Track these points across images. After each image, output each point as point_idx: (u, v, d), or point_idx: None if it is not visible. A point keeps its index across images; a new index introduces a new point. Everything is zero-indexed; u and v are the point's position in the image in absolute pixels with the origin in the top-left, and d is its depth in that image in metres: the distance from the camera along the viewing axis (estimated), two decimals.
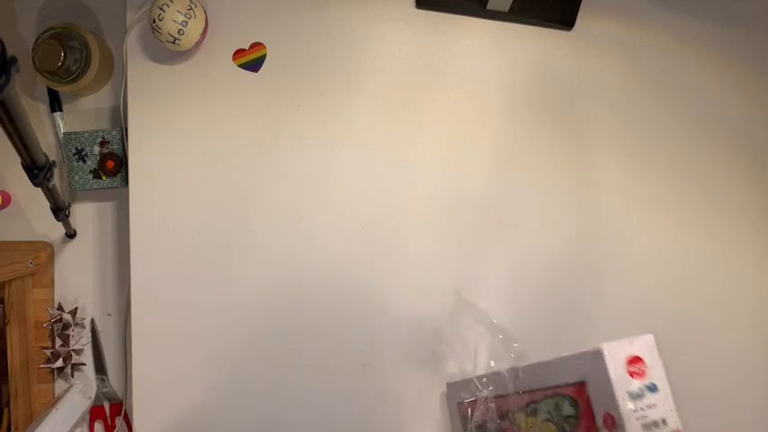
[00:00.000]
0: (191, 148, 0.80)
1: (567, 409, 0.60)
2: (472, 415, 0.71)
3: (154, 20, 0.74)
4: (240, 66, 0.80)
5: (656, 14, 0.78)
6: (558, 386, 0.61)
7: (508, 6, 0.76)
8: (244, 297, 0.80)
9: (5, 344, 0.86)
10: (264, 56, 0.80)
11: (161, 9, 0.73)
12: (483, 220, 0.79)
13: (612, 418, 0.54)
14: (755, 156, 0.79)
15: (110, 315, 0.90)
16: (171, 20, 0.73)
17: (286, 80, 0.79)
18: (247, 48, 0.80)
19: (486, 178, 0.79)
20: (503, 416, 0.67)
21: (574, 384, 0.59)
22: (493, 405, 0.69)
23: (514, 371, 0.67)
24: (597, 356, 0.54)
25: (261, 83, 0.80)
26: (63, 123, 0.88)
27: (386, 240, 0.79)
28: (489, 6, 0.76)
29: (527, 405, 0.65)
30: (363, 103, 0.79)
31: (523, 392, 0.65)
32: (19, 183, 0.88)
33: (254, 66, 0.80)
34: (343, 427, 0.79)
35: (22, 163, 0.62)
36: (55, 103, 0.87)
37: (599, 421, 0.56)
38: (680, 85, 0.79)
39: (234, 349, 0.80)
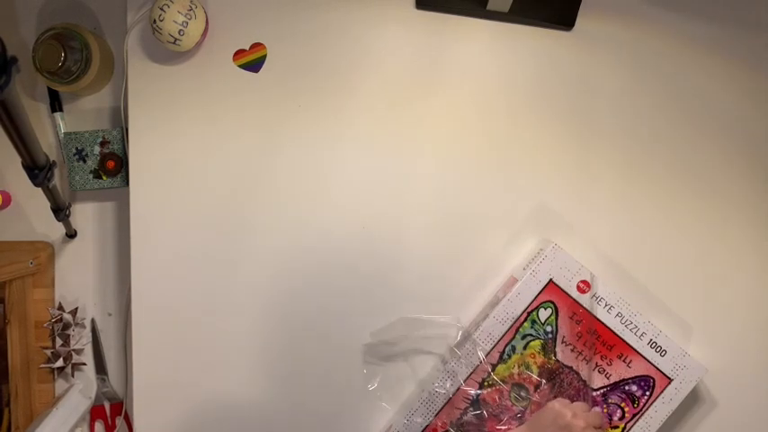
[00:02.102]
0: (191, 148, 0.80)
1: (544, 313, 0.74)
2: (463, 412, 0.74)
3: (154, 20, 0.74)
4: (240, 66, 0.80)
5: (656, 15, 0.78)
6: (527, 307, 0.74)
7: (508, 7, 0.76)
8: (244, 296, 0.80)
9: (6, 344, 0.86)
10: (264, 56, 0.80)
11: (161, 9, 0.73)
12: (483, 220, 0.79)
13: (584, 282, 0.73)
14: (755, 156, 0.79)
15: (110, 315, 0.90)
16: (171, 20, 0.73)
17: (286, 80, 0.80)
18: (247, 48, 0.80)
19: (486, 178, 0.79)
20: (481, 385, 0.74)
21: (542, 290, 0.74)
22: (469, 388, 0.74)
23: (465, 340, 0.75)
24: (557, 251, 0.74)
25: (261, 83, 0.80)
26: (63, 123, 0.88)
27: (386, 240, 0.79)
28: (489, 7, 0.76)
29: (500, 355, 0.74)
30: (363, 103, 0.79)
31: (490, 350, 0.74)
32: (19, 183, 0.88)
33: (254, 66, 0.80)
34: (342, 428, 0.79)
35: (22, 163, 0.62)
36: (55, 103, 0.87)
37: (575, 295, 0.74)
38: (680, 85, 0.79)
39: (234, 348, 0.80)
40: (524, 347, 0.74)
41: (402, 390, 0.79)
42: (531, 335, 0.74)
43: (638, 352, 0.73)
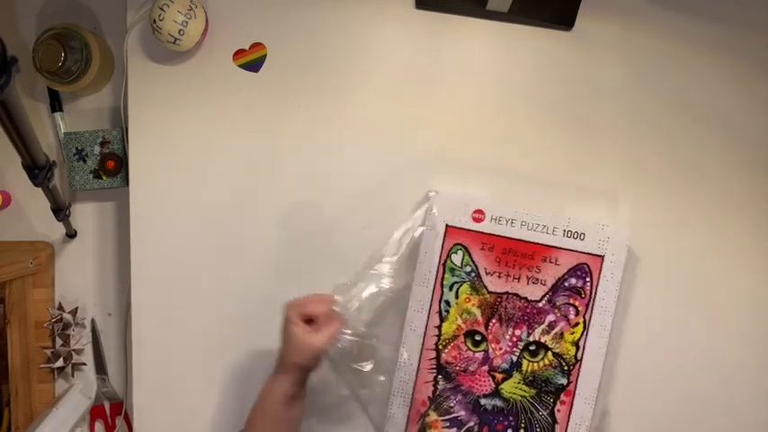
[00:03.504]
0: (191, 147, 0.80)
1: (457, 257, 0.75)
2: (434, 383, 0.75)
3: (154, 20, 0.74)
4: (240, 66, 0.80)
5: (656, 14, 0.78)
6: (439, 259, 0.75)
7: (508, 6, 0.76)
8: (244, 297, 0.80)
9: (6, 344, 0.86)
10: (264, 56, 0.80)
11: (161, 9, 0.73)
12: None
13: (478, 211, 0.75)
14: (756, 155, 0.79)
15: (110, 315, 0.90)
16: (171, 20, 0.73)
17: (286, 80, 0.80)
18: (247, 48, 0.80)
19: (486, 178, 0.79)
20: (437, 350, 0.75)
21: (444, 238, 0.75)
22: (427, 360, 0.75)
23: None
24: (438, 197, 0.76)
25: (261, 83, 0.80)
26: (63, 123, 0.88)
27: (386, 240, 0.79)
28: (489, 6, 0.76)
29: (439, 314, 0.75)
30: (363, 102, 0.79)
31: (427, 315, 0.75)
32: (19, 183, 0.88)
33: (254, 66, 0.80)
34: (344, 427, 0.79)
35: (22, 163, 0.62)
36: (55, 103, 0.87)
37: (475, 226, 0.75)
38: (680, 84, 0.79)
39: (234, 349, 0.80)
40: (456, 296, 0.75)
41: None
42: (456, 282, 0.75)
43: (558, 248, 0.74)
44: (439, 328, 0.75)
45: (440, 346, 0.75)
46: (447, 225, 0.75)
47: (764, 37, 0.78)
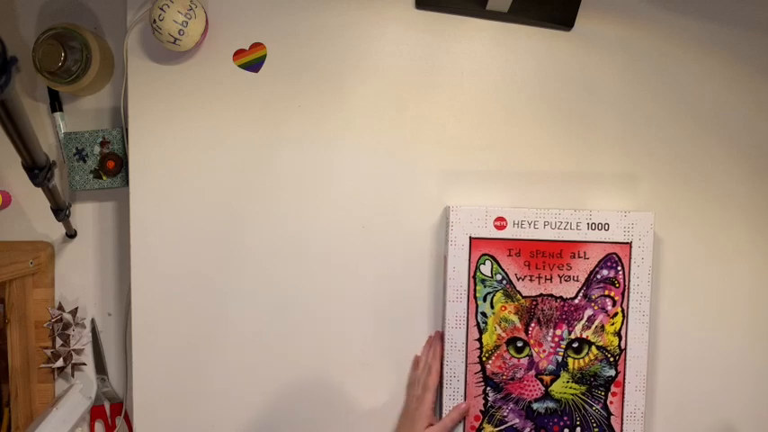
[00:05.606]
0: (191, 148, 0.80)
1: (485, 267, 0.75)
2: (483, 395, 0.76)
3: (154, 20, 0.74)
4: (240, 66, 0.80)
5: (656, 14, 0.78)
6: (468, 273, 0.75)
7: (508, 6, 0.76)
8: (243, 295, 0.80)
9: (6, 344, 0.86)
10: (264, 56, 0.80)
11: (161, 9, 0.73)
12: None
13: (499, 218, 0.74)
14: (756, 155, 0.79)
15: (110, 315, 0.90)
16: (171, 20, 0.73)
17: (286, 80, 0.80)
18: (247, 48, 0.80)
19: (485, 178, 0.79)
20: (481, 363, 0.74)
21: (470, 250, 0.74)
22: (473, 372, 0.75)
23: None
24: (458, 211, 0.75)
25: (261, 83, 0.80)
26: (63, 123, 0.88)
27: (386, 240, 0.79)
28: (489, 6, 0.76)
29: (477, 327, 0.75)
30: (363, 103, 0.79)
31: (467, 330, 0.75)
32: (19, 183, 0.88)
33: (254, 66, 0.80)
34: (342, 424, 0.79)
35: (22, 163, 0.62)
36: (55, 104, 0.87)
37: (498, 234, 0.74)
38: (680, 85, 0.79)
39: (233, 348, 0.80)
40: (492, 306, 0.75)
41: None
42: (488, 292, 0.75)
43: (584, 242, 0.74)
44: (479, 340, 0.75)
45: (483, 359, 0.75)
46: (471, 237, 0.75)
47: (765, 37, 0.78)
